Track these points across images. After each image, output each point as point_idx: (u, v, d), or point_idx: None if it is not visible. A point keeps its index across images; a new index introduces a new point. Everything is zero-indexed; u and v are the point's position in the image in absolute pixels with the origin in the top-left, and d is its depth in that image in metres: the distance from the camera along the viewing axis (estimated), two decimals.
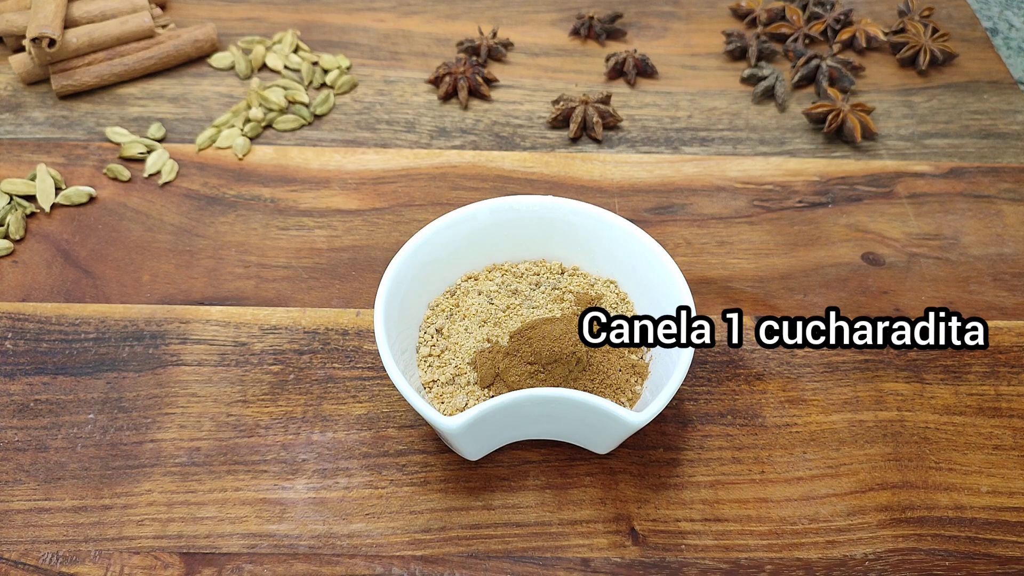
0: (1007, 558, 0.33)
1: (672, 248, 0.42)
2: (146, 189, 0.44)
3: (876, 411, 0.37)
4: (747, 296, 0.41)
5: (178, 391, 0.36)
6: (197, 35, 0.51)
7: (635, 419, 0.30)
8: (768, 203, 0.45)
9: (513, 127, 0.48)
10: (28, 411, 0.36)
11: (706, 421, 0.36)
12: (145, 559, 0.32)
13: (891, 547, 0.33)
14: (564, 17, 0.56)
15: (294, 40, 0.52)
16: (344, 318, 0.39)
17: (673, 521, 0.33)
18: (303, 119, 0.48)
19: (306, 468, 0.34)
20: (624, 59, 0.51)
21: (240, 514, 0.33)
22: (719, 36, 0.55)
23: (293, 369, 0.37)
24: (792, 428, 0.36)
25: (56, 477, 0.34)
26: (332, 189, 0.45)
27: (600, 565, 0.32)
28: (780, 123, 0.49)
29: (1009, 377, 0.38)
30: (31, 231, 0.42)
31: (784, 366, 0.38)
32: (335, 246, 0.42)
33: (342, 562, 0.32)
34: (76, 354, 0.38)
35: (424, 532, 0.33)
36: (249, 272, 0.41)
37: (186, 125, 0.48)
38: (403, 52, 0.53)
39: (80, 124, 0.47)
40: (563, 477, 0.34)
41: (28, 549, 0.32)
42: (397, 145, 0.47)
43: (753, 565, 0.32)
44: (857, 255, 0.42)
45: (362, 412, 0.36)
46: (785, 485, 0.34)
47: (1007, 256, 0.43)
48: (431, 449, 0.35)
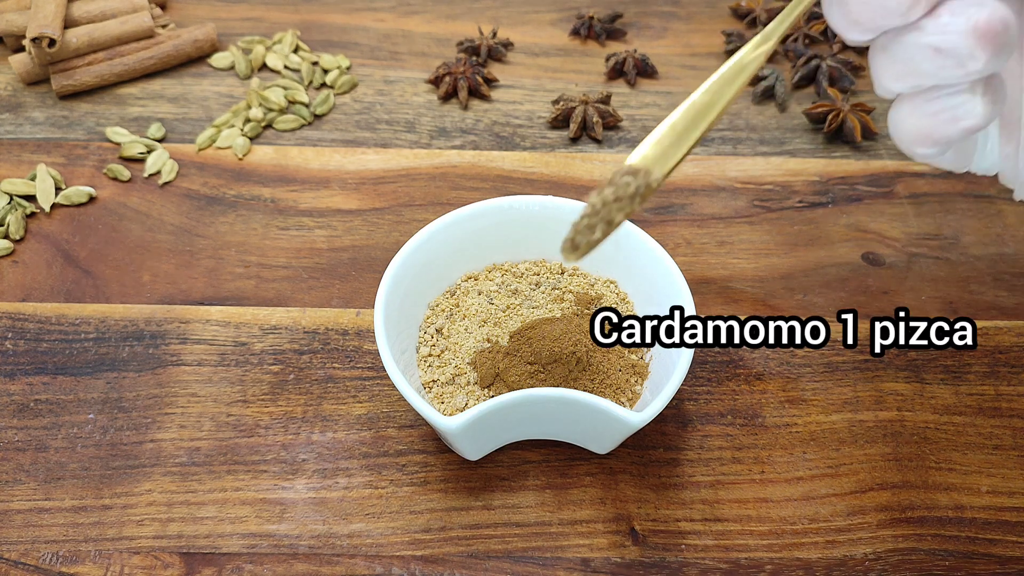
0: (1007, 558, 0.33)
1: (672, 248, 0.42)
2: (146, 189, 0.44)
3: (876, 411, 0.37)
4: (747, 296, 0.41)
5: (178, 391, 0.36)
6: (197, 35, 0.51)
7: (635, 419, 0.30)
8: (768, 203, 0.45)
9: (513, 127, 0.48)
10: (28, 411, 0.36)
11: (706, 421, 0.36)
12: (145, 559, 0.32)
13: (891, 547, 0.33)
14: (564, 17, 0.56)
15: (294, 40, 0.52)
16: (344, 318, 0.39)
17: (673, 521, 0.33)
18: (303, 119, 0.48)
19: (306, 468, 0.34)
20: (624, 59, 0.51)
21: (240, 514, 0.33)
22: (719, 36, 0.55)
23: (293, 369, 0.37)
24: (792, 428, 0.36)
25: (56, 477, 0.34)
26: (332, 189, 0.45)
27: (600, 565, 0.32)
28: (780, 123, 0.49)
29: (1009, 377, 0.38)
30: (31, 231, 0.42)
31: (784, 366, 0.38)
32: (335, 246, 0.42)
33: (342, 562, 0.32)
34: (76, 354, 0.38)
35: (424, 532, 0.33)
36: (249, 272, 0.41)
37: (186, 125, 0.48)
38: (403, 52, 0.53)
39: (80, 124, 0.47)
40: (563, 477, 0.34)
41: (28, 549, 0.32)
42: (397, 145, 0.47)
43: (753, 565, 0.32)
44: (857, 255, 0.42)
45: (362, 412, 0.36)
46: (785, 485, 0.34)
47: (1007, 256, 0.43)
48: (431, 449, 0.35)
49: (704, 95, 0.26)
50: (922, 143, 0.26)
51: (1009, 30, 0.23)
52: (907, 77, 0.25)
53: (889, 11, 0.24)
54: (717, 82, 0.26)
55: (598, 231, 0.26)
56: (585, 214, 0.26)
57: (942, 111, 0.25)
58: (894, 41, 0.25)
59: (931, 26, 0.24)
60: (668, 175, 0.26)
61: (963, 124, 0.25)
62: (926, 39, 0.24)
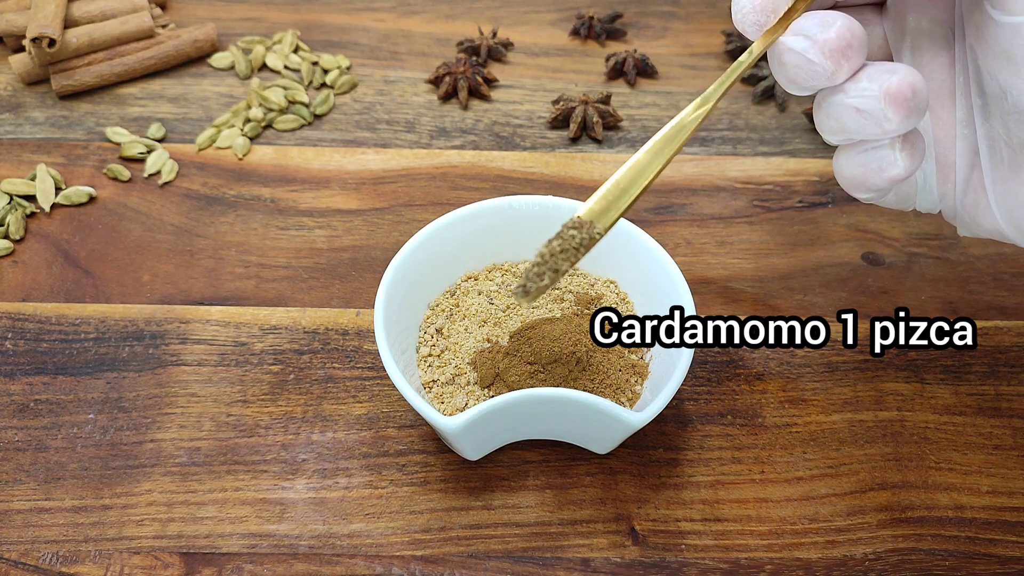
0: (1007, 558, 0.33)
1: (672, 248, 0.42)
2: (146, 189, 0.44)
3: (876, 411, 0.37)
4: (747, 296, 0.41)
5: (178, 391, 0.36)
6: (197, 35, 0.51)
7: (635, 419, 0.30)
8: (768, 203, 0.45)
9: (513, 127, 0.48)
10: (28, 411, 0.36)
11: (706, 421, 0.36)
12: (145, 559, 0.32)
13: (891, 547, 0.33)
14: (564, 17, 0.56)
15: (294, 40, 0.52)
16: (344, 318, 0.39)
17: (673, 521, 0.33)
18: (303, 119, 0.48)
19: (306, 468, 0.34)
20: (624, 59, 0.51)
21: (240, 514, 0.33)
22: (719, 36, 0.55)
23: (293, 369, 0.37)
24: (792, 428, 0.36)
25: (56, 477, 0.34)
26: (332, 189, 0.45)
27: (600, 565, 0.32)
28: (780, 123, 0.49)
29: (1009, 377, 0.38)
30: (31, 231, 0.42)
31: (784, 366, 0.38)
32: (335, 246, 0.42)
33: (342, 562, 0.32)
34: (76, 354, 0.38)
35: (424, 532, 0.33)
36: (249, 272, 0.41)
37: (186, 125, 0.48)
38: (403, 52, 0.53)
39: (80, 124, 0.47)
40: (563, 477, 0.34)
41: (28, 549, 0.32)
42: (397, 145, 0.47)
43: (753, 565, 0.32)
44: (857, 255, 0.42)
45: (362, 412, 0.36)
46: (785, 485, 0.34)
47: (1007, 256, 0.43)
48: (431, 449, 0.35)
49: (646, 155, 0.28)
50: (858, 189, 0.29)
51: (918, 95, 0.26)
52: (839, 132, 0.28)
53: (817, 75, 0.27)
54: (659, 143, 0.28)
55: (546, 278, 0.28)
56: (535, 263, 0.28)
57: (870, 162, 0.28)
58: (826, 100, 0.28)
59: (852, 89, 0.27)
60: (611, 228, 0.28)
61: (887, 175, 0.28)
62: (849, 100, 0.27)
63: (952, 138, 0.30)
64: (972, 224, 0.31)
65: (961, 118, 0.30)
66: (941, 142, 0.31)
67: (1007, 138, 0.28)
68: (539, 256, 0.28)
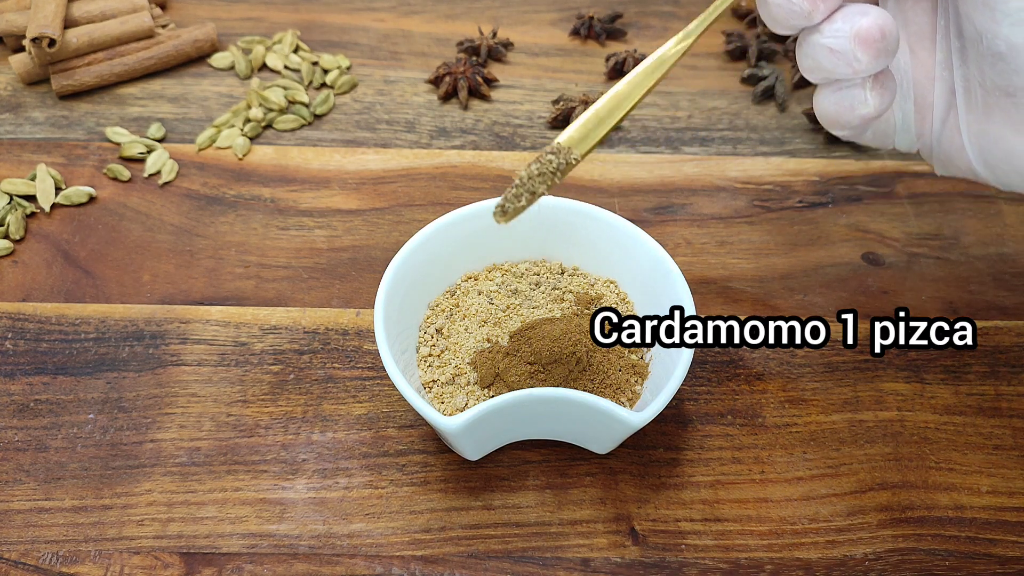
0: (1007, 558, 0.33)
1: (672, 248, 0.42)
2: (146, 189, 0.44)
3: (876, 411, 0.37)
4: (747, 296, 0.41)
5: (178, 391, 0.36)
6: (197, 35, 0.51)
7: (635, 419, 0.30)
8: (768, 203, 0.45)
9: (513, 127, 0.48)
10: (28, 411, 0.36)
11: (706, 421, 0.36)
12: (145, 559, 0.32)
13: (891, 547, 0.33)
14: (564, 17, 0.56)
15: (294, 40, 0.52)
16: (344, 318, 0.39)
17: (673, 521, 0.33)
18: (303, 119, 0.48)
19: (306, 468, 0.34)
20: (624, 59, 0.51)
21: (240, 514, 0.33)
22: (719, 36, 0.55)
23: (293, 369, 0.37)
24: (792, 428, 0.36)
25: (56, 477, 0.34)
26: (332, 189, 0.45)
27: (600, 565, 0.32)
28: (780, 123, 0.49)
29: (1009, 377, 0.38)
30: (31, 231, 0.42)
31: (784, 366, 0.38)
32: (335, 246, 0.42)
33: (342, 562, 0.32)
34: (76, 354, 0.38)
35: (424, 532, 0.33)
36: (249, 272, 0.41)
37: (186, 125, 0.48)
38: (403, 52, 0.53)
39: (80, 124, 0.47)
40: (563, 477, 0.34)
41: (28, 549, 0.32)
42: (397, 145, 0.47)
43: (753, 565, 0.32)
44: (857, 255, 0.42)
45: (362, 412, 0.36)
46: (785, 485, 0.34)
47: (1007, 256, 0.43)
48: (431, 449, 0.35)
49: (626, 86, 0.30)
50: (833, 126, 0.31)
51: (887, 37, 0.27)
52: (816, 71, 0.29)
53: (796, 14, 0.28)
54: (639, 75, 0.30)
55: (523, 200, 0.30)
56: (514, 185, 0.30)
57: (843, 100, 0.30)
58: (805, 40, 0.29)
59: (827, 29, 0.28)
60: (587, 154, 0.30)
61: (858, 112, 0.29)
62: (824, 40, 0.28)
63: (931, 80, 0.31)
64: (947, 163, 0.32)
65: (940, 60, 0.31)
66: (920, 83, 0.32)
67: (981, 80, 0.29)
68: (518, 179, 0.30)
